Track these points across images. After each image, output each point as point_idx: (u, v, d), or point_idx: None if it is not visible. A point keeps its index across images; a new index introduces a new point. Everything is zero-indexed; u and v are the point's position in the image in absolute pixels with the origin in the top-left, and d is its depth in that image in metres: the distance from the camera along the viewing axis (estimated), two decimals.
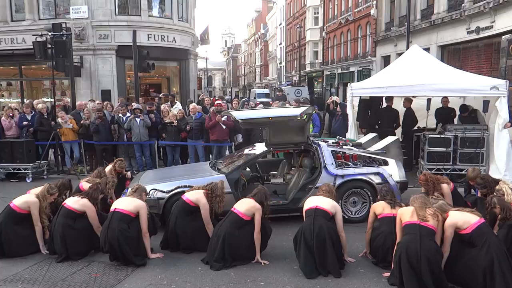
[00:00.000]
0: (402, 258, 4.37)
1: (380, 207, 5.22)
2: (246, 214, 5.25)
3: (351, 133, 9.74)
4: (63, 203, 5.58)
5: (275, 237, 6.06)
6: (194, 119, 10.55)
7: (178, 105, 13.10)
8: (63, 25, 11.59)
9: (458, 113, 9.97)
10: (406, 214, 4.64)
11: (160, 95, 16.92)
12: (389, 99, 10.29)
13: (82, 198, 5.54)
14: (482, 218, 4.50)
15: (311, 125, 9.55)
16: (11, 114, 10.89)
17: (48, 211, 5.68)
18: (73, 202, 5.51)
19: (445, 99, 9.93)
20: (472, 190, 6.60)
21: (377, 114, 10.52)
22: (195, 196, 5.69)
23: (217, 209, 5.71)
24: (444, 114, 9.92)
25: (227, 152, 10.18)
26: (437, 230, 4.48)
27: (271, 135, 7.27)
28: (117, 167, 7.35)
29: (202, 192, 5.71)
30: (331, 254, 4.89)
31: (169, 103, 13.26)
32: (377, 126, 10.31)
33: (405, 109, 10.36)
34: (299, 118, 6.55)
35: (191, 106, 11.23)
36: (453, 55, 18.76)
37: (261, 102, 19.47)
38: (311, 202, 5.24)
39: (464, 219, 4.46)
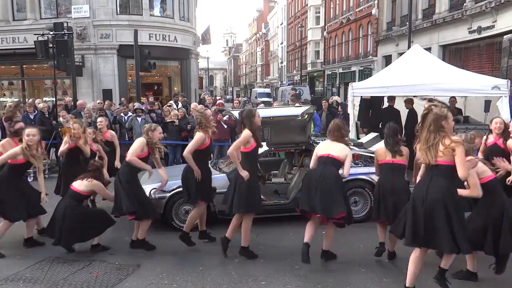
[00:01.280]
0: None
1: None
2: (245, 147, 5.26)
3: (352, 133, 9.73)
4: (70, 186, 5.58)
5: (276, 236, 6.08)
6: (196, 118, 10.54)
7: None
8: (65, 25, 11.64)
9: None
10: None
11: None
12: (391, 99, 10.26)
13: (87, 180, 5.54)
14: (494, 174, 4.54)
15: (312, 125, 9.55)
16: None
17: (38, 152, 5.53)
18: (79, 184, 5.52)
19: (452, 99, 9.85)
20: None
21: (378, 114, 10.50)
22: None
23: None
24: None
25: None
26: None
27: (272, 135, 7.27)
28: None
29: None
30: (336, 193, 4.89)
31: (172, 102, 13.28)
32: (380, 126, 10.29)
33: (407, 109, 10.34)
34: (300, 118, 6.56)
35: (192, 105, 11.24)
36: (454, 54, 18.74)
37: (262, 102, 19.48)
38: (323, 149, 5.18)
39: (483, 168, 4.41)
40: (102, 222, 5.59)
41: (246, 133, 5.16)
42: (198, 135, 5.43)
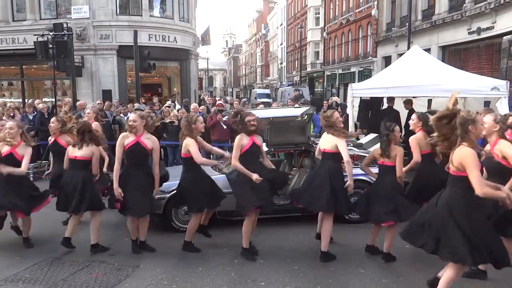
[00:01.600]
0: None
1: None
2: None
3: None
4: (70, 156, 5.55)
5: (275, 237, 6.09)
6: None
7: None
8: (64, 25, 11.65)
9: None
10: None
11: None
12: (391, 99, 10.28)
13: (86, 145, 5.51)
14: None
15: (311, 125, 9.56)
16: (12, 114, 10.90)
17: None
18: (78, 151, 5.51)
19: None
20: None
21: (377, 115, 10.50)
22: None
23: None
24: None
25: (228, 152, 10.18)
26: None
27: (272, 135, 7.26)
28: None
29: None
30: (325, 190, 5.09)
31: (169, 102, 13.30)
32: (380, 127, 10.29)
33: (407, 110, 10.35)
34: (299, 119, 6.56)
35: (192, 106, 11.24)
36: (454, 55, 18.76)
37: (262, 102, 19.48)
38: (321, 143, 5.42)
39: None
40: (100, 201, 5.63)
41: (236, 140, 5.26)
42: (191, 142, 5.36)
